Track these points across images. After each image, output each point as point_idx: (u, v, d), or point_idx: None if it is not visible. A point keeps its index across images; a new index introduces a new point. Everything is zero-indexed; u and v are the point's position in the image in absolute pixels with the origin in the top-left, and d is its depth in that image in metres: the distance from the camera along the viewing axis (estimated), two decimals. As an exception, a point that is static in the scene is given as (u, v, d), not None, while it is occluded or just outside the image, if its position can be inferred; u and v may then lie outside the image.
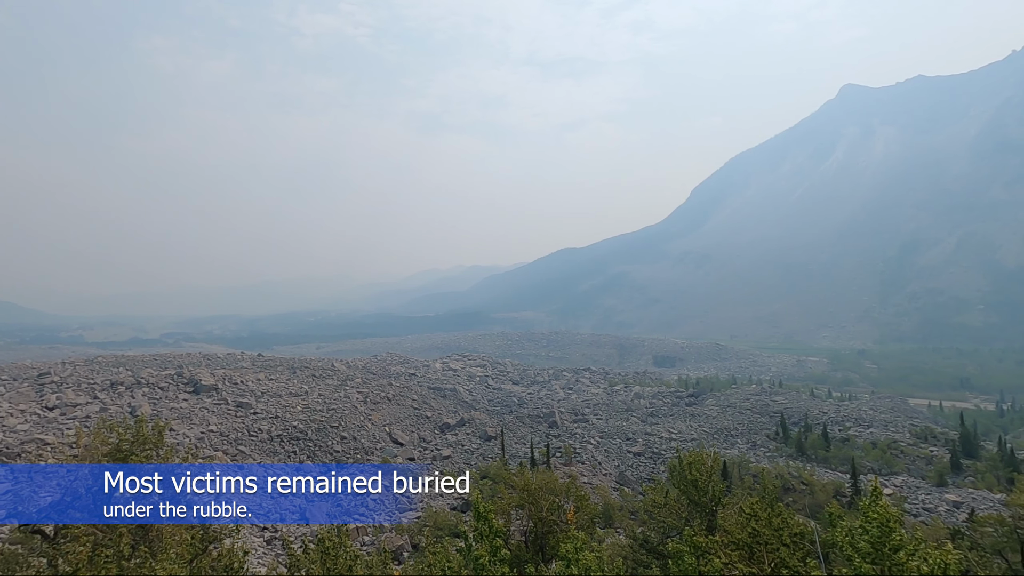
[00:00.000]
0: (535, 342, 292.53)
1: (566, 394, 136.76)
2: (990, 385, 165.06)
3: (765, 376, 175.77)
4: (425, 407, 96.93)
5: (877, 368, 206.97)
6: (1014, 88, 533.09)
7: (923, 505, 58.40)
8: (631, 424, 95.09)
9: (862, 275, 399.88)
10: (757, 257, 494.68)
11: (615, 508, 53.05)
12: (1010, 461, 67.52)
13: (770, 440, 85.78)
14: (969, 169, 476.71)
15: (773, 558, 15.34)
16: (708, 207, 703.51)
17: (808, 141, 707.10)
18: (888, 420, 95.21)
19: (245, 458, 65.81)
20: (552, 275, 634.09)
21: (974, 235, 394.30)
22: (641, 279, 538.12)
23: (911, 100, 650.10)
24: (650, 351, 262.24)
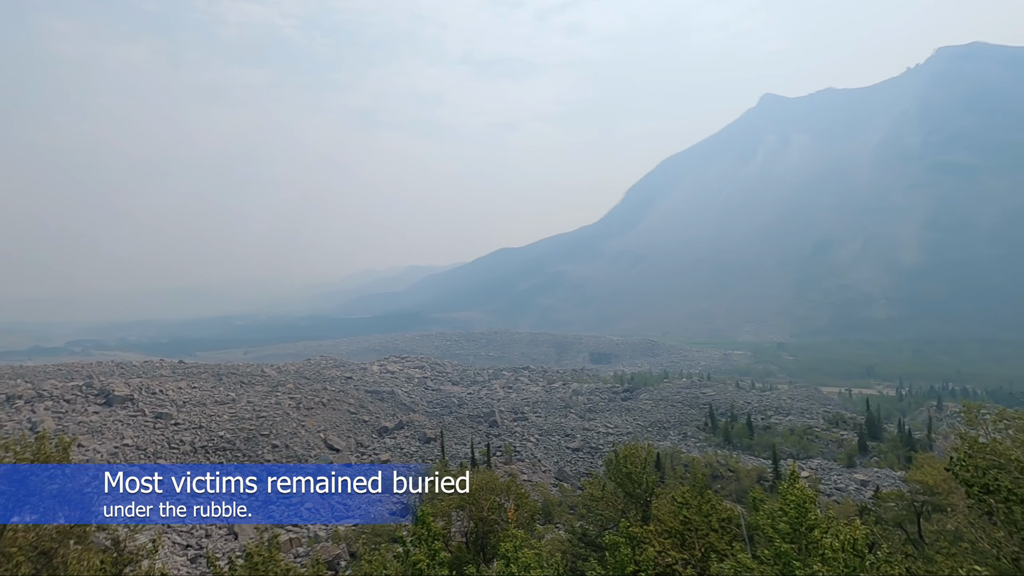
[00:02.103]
0: (474, 342, 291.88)
1: (506, 393, 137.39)
2: (891, 372, 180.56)
3: (695, 370, 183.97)
4: (362, 411, 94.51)
5: (794, 360, 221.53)
6: (910, 102, 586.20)
7: (835, 485, 63.08)
8: (569, 420, 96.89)
9: (781, 273, 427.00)
10: (687, 257, 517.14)
11: (555, 504, 53.79)
12: (908, 441, 74.13)
13: (700, 431, 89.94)
14: (873, 176, 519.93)
15: (703, 543, 16.06)
16: (642, 208, 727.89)
17: (732, 146, 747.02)
18: (804, 408, 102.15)
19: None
20: (491, 275, 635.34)
21: (877, 236, 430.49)
22: (578, 278, 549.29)
23: (822, 111, 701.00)
24: (587, 348, 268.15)
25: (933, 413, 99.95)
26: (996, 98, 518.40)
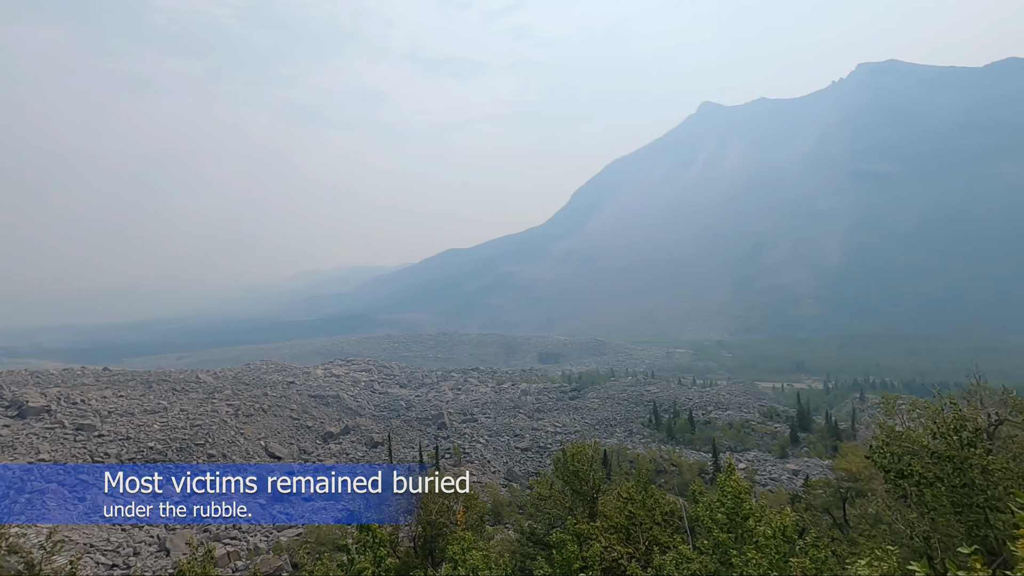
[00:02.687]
0: (422, 344, 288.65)
1: (455, 395, 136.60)
2: (819, 367, 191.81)
3: (639, 368, 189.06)
4: (306, 416, 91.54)
5: (732, 356, 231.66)
6: (834, 113, 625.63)
7: (770, 476, 66.39)
8: (518, 421, 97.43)
9: (720, 273, 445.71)
10: (632, 257, 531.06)
11: (504, 504, 53.97)
12: (834, 432, 79.00)
13: (645, 427, 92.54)
14: (802, 181, 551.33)
15: (647, 537, 16.53)
16: (588, 209, 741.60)
17: (675, 151, 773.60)
18: (741, 403, 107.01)
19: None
20: (439, 276, 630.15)
21: (805, 239, 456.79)
22: (526, 279, 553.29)
23: (756, 119, 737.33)
24: (535, 349, 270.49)
25: (856, 405, 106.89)
26: (909, 111, 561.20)
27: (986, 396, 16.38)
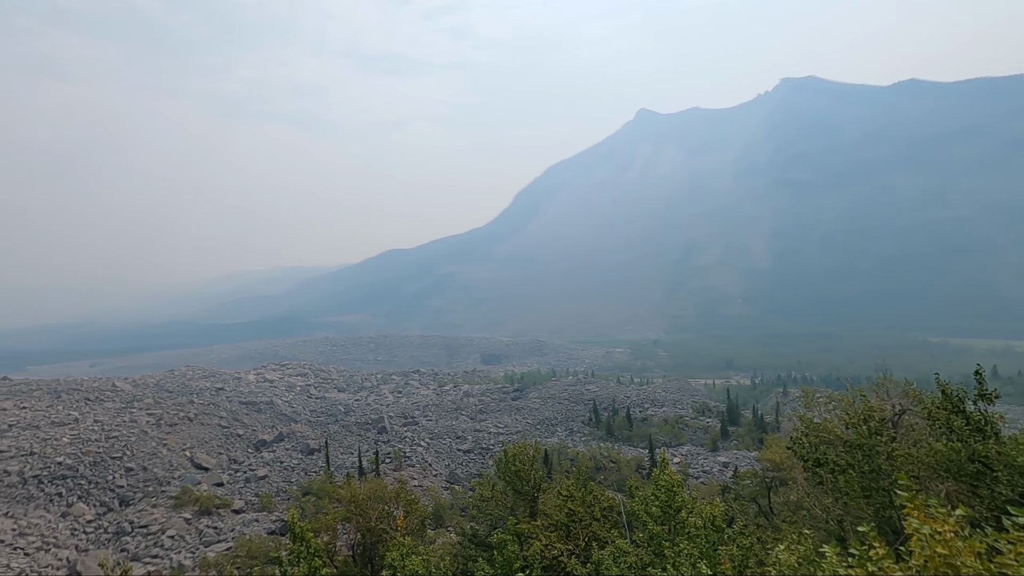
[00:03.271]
0: (362, 346, 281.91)
1: (395, 398, 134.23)
2: (747, 364, 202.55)
3: (580, 368, 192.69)
4: (236, 424, 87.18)
5: (668, 355, 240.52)
6: (759, 124, 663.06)
7: (702, 468, 69.39)
8: (460, 423, 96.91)
9: (655, 275, 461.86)
10: (573, 259, 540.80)
11: (446, 507, 53.53)
12: (761, 425, 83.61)
13: (585, 425, 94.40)
14: (731, 188, 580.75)
15: (587, 533, 16.86)
16: (530, 212, 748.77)
17: (613, 156, 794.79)
18: (676, 399, 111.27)
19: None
20: (379, 277, 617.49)
21: (734, 242, 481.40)
22: (468, 280, 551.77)
23: (689, 127, 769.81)
24: (478, 350, 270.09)
25: (780, 399, 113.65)
26: (825, 124, 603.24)
27: (891, 388, 17.81)
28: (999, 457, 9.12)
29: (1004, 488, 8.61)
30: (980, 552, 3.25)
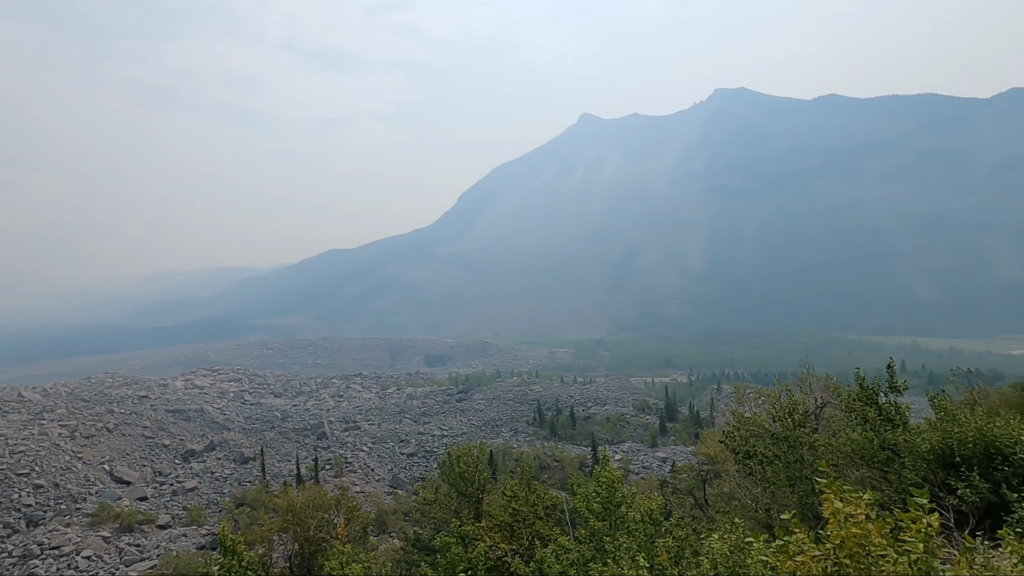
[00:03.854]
0: (301, 350, 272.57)
1: (336, 402, 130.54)
2: (684, 362, 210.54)
3: (524, 368, 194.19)
4: (162, 434, 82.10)
5: (610, 354, 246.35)
6: (695, 132, 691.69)
7: (642, 464, 71.50)
8: (404, 426, 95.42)
9: (598, 276, 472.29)
10: (517, 261, 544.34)
11: (388, 513, 52.56)
12: (697, 420, 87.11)
13: (529, 425, 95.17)
14: (668, 193, 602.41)
15: (530, 532, 16.99)
16: (474, 212, 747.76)
17: (557, 159, 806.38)
18: (618, 397, 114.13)
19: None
20: (319, 277, 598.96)
21: (672, 245, 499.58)
22: (412, 281, 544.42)
23: (630, 133, 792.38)
24: (422, 352, 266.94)
25: (715, 395, 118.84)
26: (754, 134, 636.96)
27: (814, 383, 19.01)
28: (905, 445, 9.93)
29: (909, 472, 9.38)
30: (887, 531, 3.58)
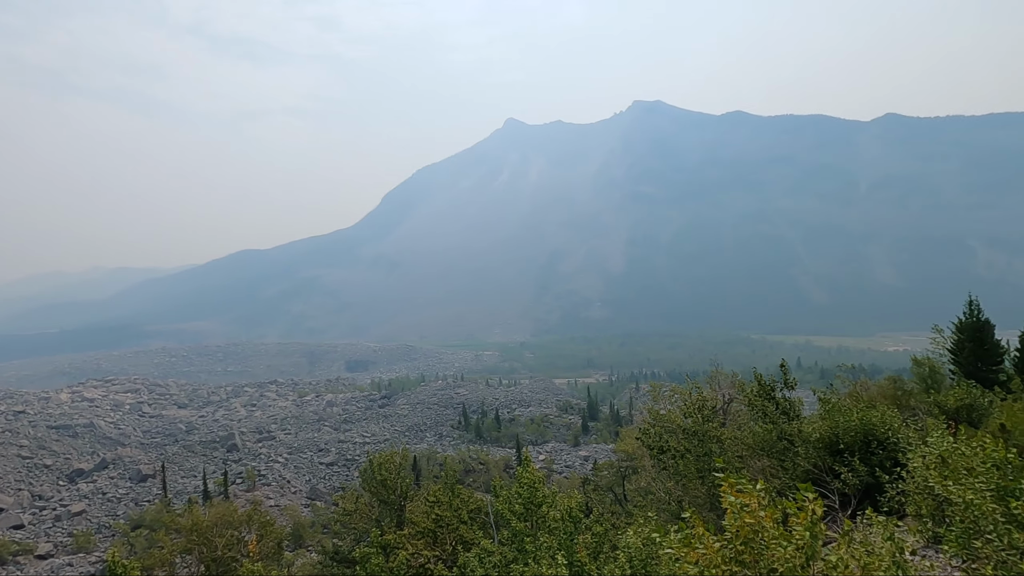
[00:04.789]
0: (209, 356, 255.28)
1: (249, 412, 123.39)
2: (605, 362, 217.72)
3: (449, 372, 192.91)
4: (42, 453, 73.85)
5: (534, 356, 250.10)
6: (616, 141, 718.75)
7: (566, 463, 73.12)
8: (323, 434, 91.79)
9: (523, 279, 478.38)
10: (442, 263, 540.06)
11: (306, 526, 50.35)
12: (617, 419, 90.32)
13: (454, 429, 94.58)
14: (591, 198, 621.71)
15: (454, 537, 16.85)
16: (399, 214, 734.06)
17: (483, 162, 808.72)
18: (542, 399, 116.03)
19: None
20: (230, 279, 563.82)
21: (594, 249, 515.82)
22: (333, 283, 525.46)
23: (554, 139, 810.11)
24: (343, 356, 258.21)
25: (633, 394, 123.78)
26: (669, 145, 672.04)
27: (722, 380, 20.29)
28: (799, 435, 10.85)
29: (802, 460, 10.25)
30: (778, 518, 3.89)
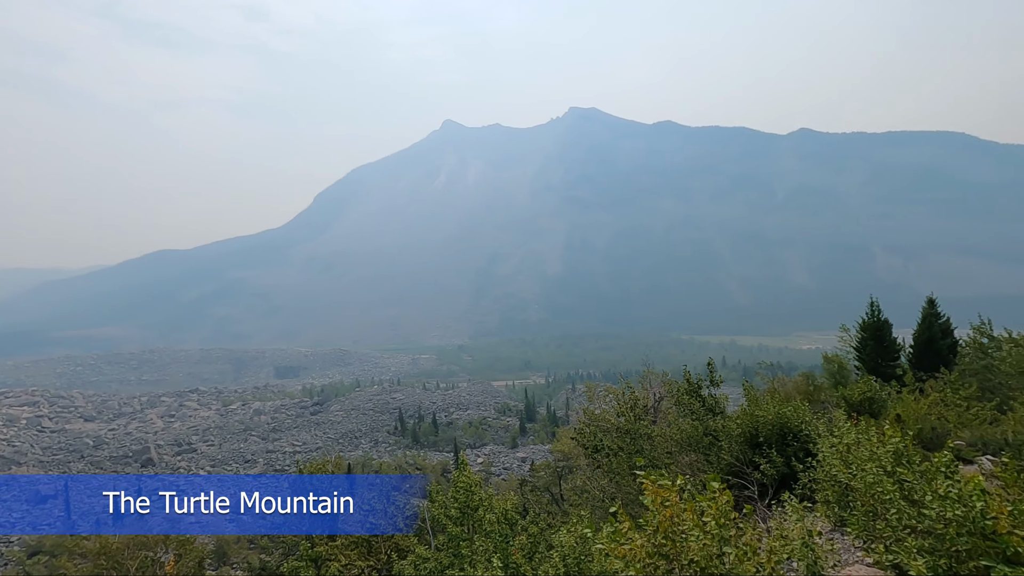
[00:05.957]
0: (121, 365, 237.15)
1: (167, 423, 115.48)
2: (542, 364, 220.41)
3: (386, 376, 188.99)
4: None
5: (472, 359, 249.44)
6: (552, 146, 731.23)
7: (504, 465, 73.35)
8: (250, 444, 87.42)
9: (460, 282, 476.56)
10: (378, 265, 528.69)
11: (230, 542, 47.63)
12: (554, 419, 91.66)
13: (391, 435, 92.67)
14: (528, 202, 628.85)
15: (388, 545, 16.45)
16: (332, 214, 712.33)
17: (420, 163, 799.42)
18: (480, 402, 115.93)
19: None
20: (147, 281, 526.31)
21: (531, 252, 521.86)
22: (262, 286, 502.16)
23: (492, 142, 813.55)
24: (271, 362, 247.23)
25: (570, 394, 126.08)
26: (604, 152, 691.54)
27: (653, 379, 21.03)
28: (723, 430, 11.42)
29: (726, 455, 10.78)
30: (696, 510, 4.06)
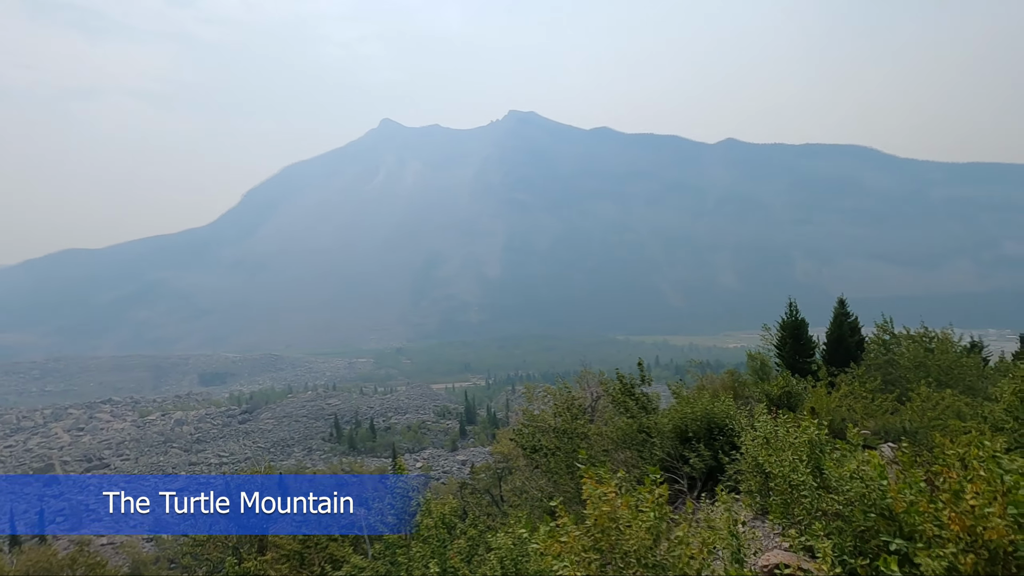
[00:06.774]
0: (20, 375, 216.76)
1: (74, 437, 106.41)
2: (482, 366, 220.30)
3: (320, 381, 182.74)
4: None
5: (411, 362, 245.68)
6: (492, 148, 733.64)
7: (443, 469, 72.68)
8: (171, 457, 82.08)
9: (399, 284, 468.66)
10: (312, 267, 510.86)
11: (148, 563, 44.50)
12: (494, 421, 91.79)
13: (326, 442, 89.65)
14: (468, 203, 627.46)
15: (323, 557, 15.89)
16: (263, 214, 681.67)
17: (357, 162, 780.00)
18: (419, 405, 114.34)
19: None
20: (52, 283, 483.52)
21: (471, 254, 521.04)
22: (186, 288, 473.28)
23: (431, 142, 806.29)
24: (195, 369, 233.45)
25: (510, 396, 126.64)
26: (543, 155, 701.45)
27: (590, 379, 21.47)
28: (655, 427, 11.83)
29: (658, 450, 11.17)
30: (632, 504, 4.18)
